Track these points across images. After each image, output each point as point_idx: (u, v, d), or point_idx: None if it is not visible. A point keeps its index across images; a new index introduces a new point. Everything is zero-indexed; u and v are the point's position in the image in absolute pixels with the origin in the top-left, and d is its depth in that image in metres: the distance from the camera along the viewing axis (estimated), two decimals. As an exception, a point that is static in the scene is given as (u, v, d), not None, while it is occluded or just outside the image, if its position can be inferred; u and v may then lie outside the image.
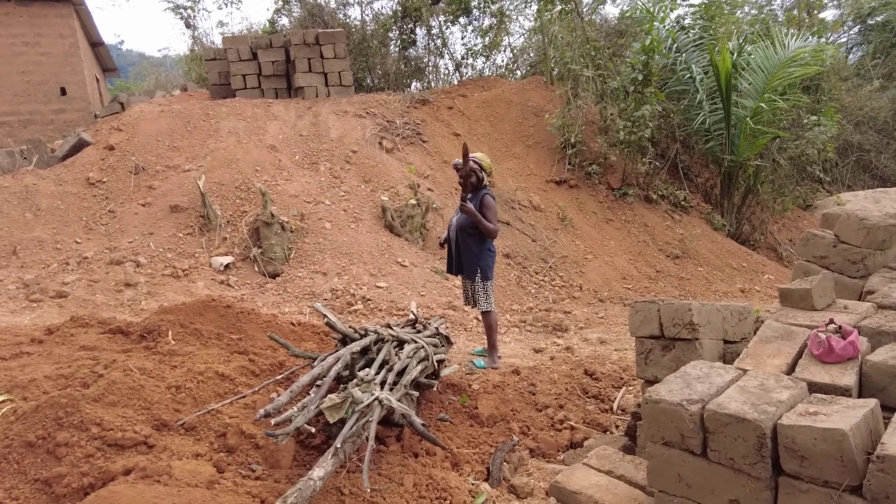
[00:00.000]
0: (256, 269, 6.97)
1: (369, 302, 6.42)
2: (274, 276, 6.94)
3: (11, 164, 8.71)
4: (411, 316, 4.50)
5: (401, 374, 3.13)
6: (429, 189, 9.09)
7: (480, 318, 5.62)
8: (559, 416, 4.30)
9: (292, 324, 4.91)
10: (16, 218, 7.23)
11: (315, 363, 3.35)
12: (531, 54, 17.72)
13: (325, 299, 6.42)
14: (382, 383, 2.89)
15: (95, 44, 18.13)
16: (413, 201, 8.18)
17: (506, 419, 4.07)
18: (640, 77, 9.99)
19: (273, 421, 2.68)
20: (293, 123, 10.06)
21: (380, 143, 9.82)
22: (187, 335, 4.01)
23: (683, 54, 11.42)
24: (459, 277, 5.18)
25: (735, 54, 10.64)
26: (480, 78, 14.97)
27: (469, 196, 4.81)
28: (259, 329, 4.48)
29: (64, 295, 5.74)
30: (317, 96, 11.04)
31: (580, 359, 5.58)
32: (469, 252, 4.84)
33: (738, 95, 10.68)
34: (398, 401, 2.79)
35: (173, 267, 6.64)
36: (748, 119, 10.02)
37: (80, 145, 9.05)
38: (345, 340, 3.58)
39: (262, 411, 2.31)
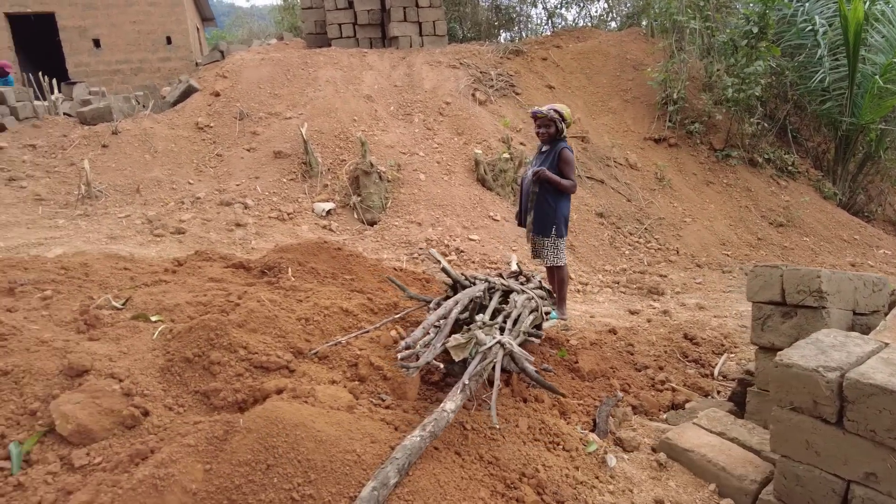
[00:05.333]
0: (355, 216, 7.18)
1: (462, 254, 6.50)
2: (371, 223, 7.13)
3: (130, 109, 9.30)
4: (514, 268, 4.52)
5: (514, 322, 3.17)
6: (521, 143, 8.95)
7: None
8: (659, 377, 4.25)
9: (394, 269, 5.06)
10: (137, 159, 7.75)
11: (431, 305, 3.46)
12: (627, 5, 16.81)
13: (421, 249, 6.54)
14: (501, 328, 2.95)
15: (196, -6, 18.76)
16: (506, 155, 8.09)
17: (606, 375, 4.07)
18: (755, 30, 9.25)
19: (399, 355, 2.80)
20: (388, 74, 10.10)
21: (473, 95, 9.71)
22: (304, 273, 4.22)
23: (806, 4, 10.45)
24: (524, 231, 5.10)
25: (868, 3, 9.62)
26: (575, 29, 14.36)
27: (546, 147, 4.70)
28: (367, 271, 4.64)
29: (182, 231, 6.15)
30: (410, 46, 11.00)
31: (678, 323, 5.46)
32: (543, 208, 4.70)
33: (866, 50, 9.71)
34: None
35: (279, 210, 6.95)
36: (877, 77, 9.11)
37: (188, 91, 9.51)
38: (455, 287, 3.66)
39: (404, 342, 2.42)
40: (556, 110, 4.61)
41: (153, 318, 3.14)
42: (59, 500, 1.97)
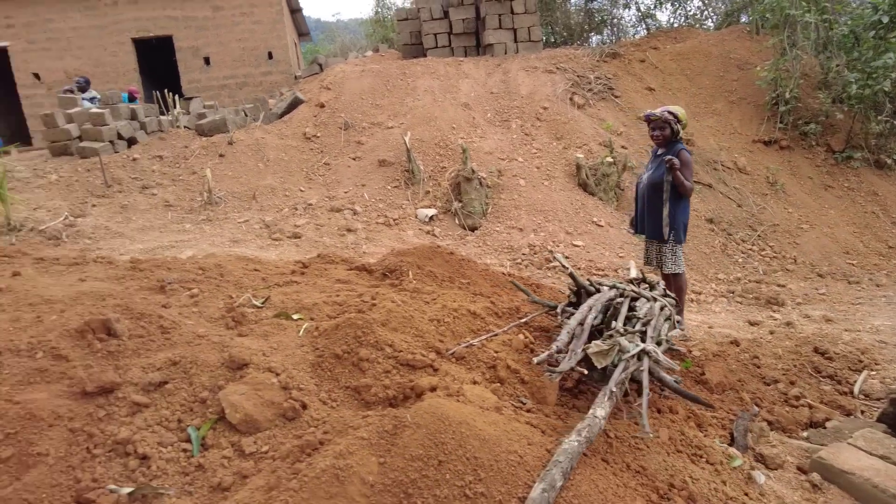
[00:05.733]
0: (457, 221, 7.26)
1: (567, 260, 6.40)
2: (473, 229, 7.18)
3: (242, 121, 9.91)
4: (633, 274, 4.40)
5: (653, 330, 3.07)
6: (622, 146, 8.73)
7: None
8: (793, 392, 4.00)
9: (503, 273, 5.07)
10: (251, 167, 8.23)
11: (557, 311, 3.42)
12: (725, 2, 16.04)
13: (524, 254, 6.52)
14: (641, 336, 2.87)
15: (294, 10, 19.74)
16: (609, 159, 7.92)
17: (734, 388, 3.87)
18: (885, 19, 8.54)
19: (535, 360, 2.79)
20: (483, 81, 10.18)
21: (570, 100, 9.59)
22: (423, 276, 4.31)
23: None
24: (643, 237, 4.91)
25: None
26: (672, 29, 13.88)
27: (662, 151, 4.52)
28: (479, 276, 4.68)
29: (298, 236, 6.46)
30: (505, 53, 11.04)
31: (805, 335, 5.11)
32: (661, 212, 4.52)
33: None
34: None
35: (385, 216, 7.15)
36: None
37: (295, 103, 10.01)
38: (578, 292, 3.60)
39: (555, 346, 2.41)
40: (670, 112, 4.45)
41: (294, 317, 3.31)
42: (236, 482, 2.11)
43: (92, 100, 10.18)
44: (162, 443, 2.25)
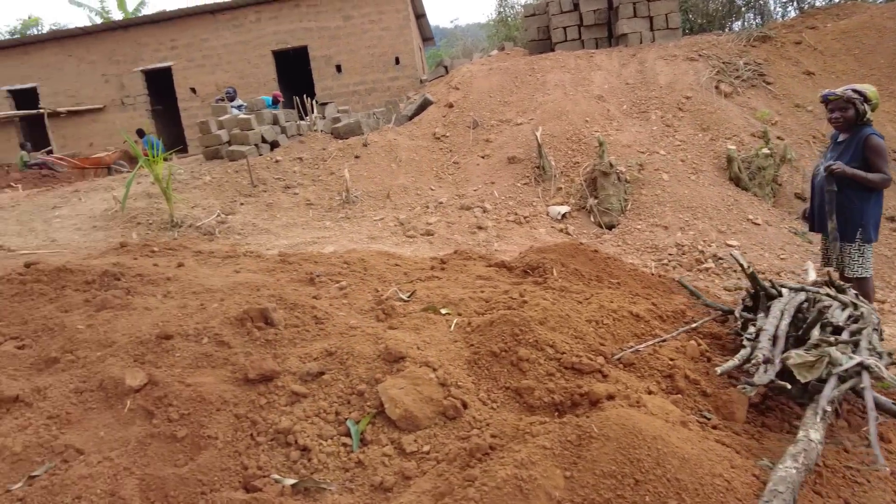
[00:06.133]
0: (592, 219, 6.88)
1: (721, 261, 5.80)
2: (610, 226, 6.77)
3: (375, 123, 10.19)
4: (811, 277, 3.82)
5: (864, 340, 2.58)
6: (779, 137, 7.84)
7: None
8: None
9: (652, 274, 4.65)
10: (384, 168, 8.40)
11: (736, 315, 3.01)
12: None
13: (670, 254, 6.00)
14: (853, 347, 2.40)
15: (419, 16, 20.18)
16: (765, 150, 7.12)
17: (953, 416, 3.19)
18: None
19: (718, 370, 2.44)
20: (617, 72, 9.65)
21: (716, 88, 8.80)
22: (568, 274, 4.04)
23: None
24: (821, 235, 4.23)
25: None
26: (833, 5, 12.36)
27: (844, 137, 3.85)
28: (627, 275, 4.31)
29: (431, 233, 6.44)
30: (640, 43, 10.41)
31: None
32: (845, 207, 3.85)
33: None
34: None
35: (515, 214, 6.95)
36: None
37: (424, 104, 10.11)
38: (756, 296, 3.15)
39: (761, 355, 2.06)
40: (854, 90, 3.80)
41: (443, 311, 3.19)
42: (398, 483, 1.98)
43: (239, 107, 10.98)
44: (321, 435, 2.19)
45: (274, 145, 9.72)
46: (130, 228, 7.08)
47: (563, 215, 6.92)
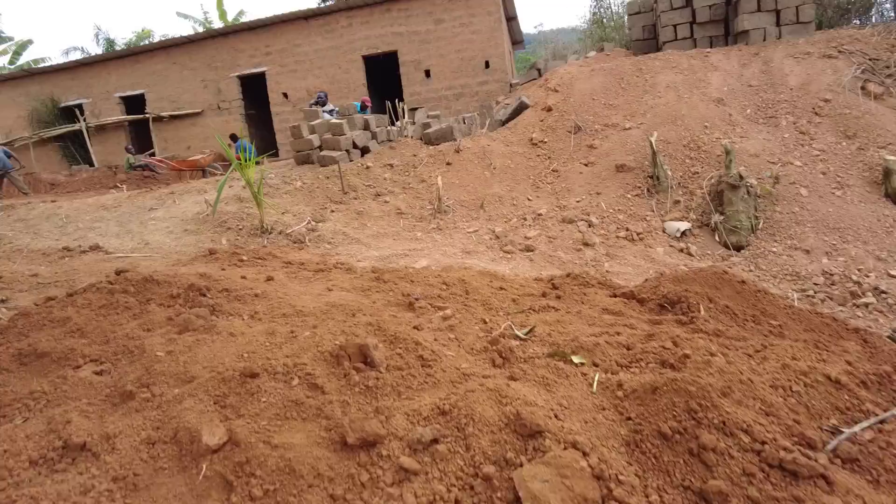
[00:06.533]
0: (717, 238, 6.04)
1: (884, 295, 4.83)
2: (738, 247, 5.90)
3: (467, 129, 9.71)
4: None
5: None
6: (946, 147, 6.64)
7: None
8: None
9: (819, 313, 3.83)
10: (477, 175, 7.88)
11: None
12: None
13: (816, 284, 5.09)
14: None
15: (510, 18, 19.61)
16: (933, 163, 6.00)
17: None
18: None
19: None
20: (738, 73, 8.65)
21: (862, 89, 7.65)
22: (717, 312, 3.33)
23: None
24: None
25: None
26: None
27: None
28: (786, 315, 3.53)
29: (531, 249, 5.85)
30: (764, 40, 9.33)
31: None
32: None
33: None
34: None
35: (626, 229, 6.22)
36: None
37: (520, 108, 9.52)
38: None
39: None
40: None
41: (574, 359, 2.60)
42: None
43: (331, 112, 10.85)
44: (444, 539, 1.67)
45: (364, 151, 9.46)
46: (220, 233, 6.95)
47: (683, 233, 6.11)
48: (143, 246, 6.71)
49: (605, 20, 19.90)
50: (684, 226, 6.13)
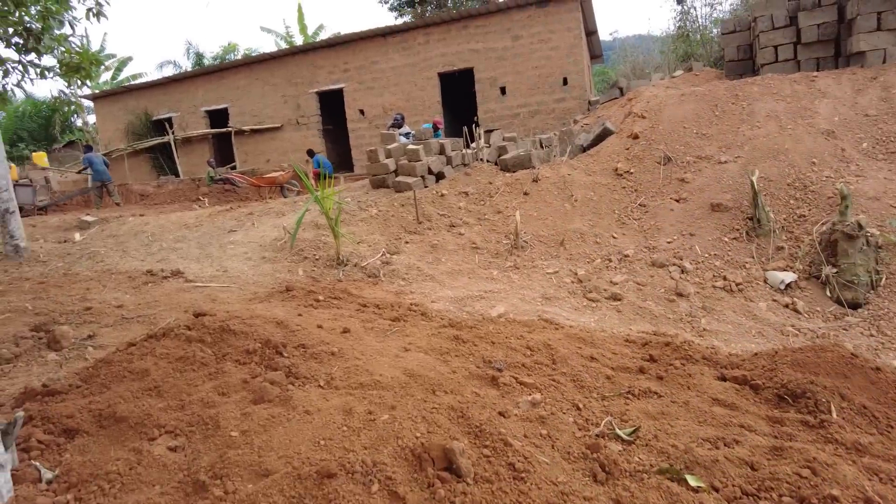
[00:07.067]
0: (828, 293, 5.42)
1: None
2: (854, 305, 5.27)
3: (545, 154, 9.37)
4: None
5: None
6: None
7: None
8: None
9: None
10: (557, 207, 7.53)
11: None
12: None
13: (956, 357, 4.42)
14: None
15: (589, 33, 19.05)
16: None
17: None
18: None
19: None
20: (851, 100, 7.87)
21: None
22: (852, 413, 2.87)
23: None
24: None
25: None
26: None
27: None
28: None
29: (618, 298, 5.45)
30: (884, 62, 8.46)
31: None
32: None
33: None
34: None
35: (724, 278, 5.70)
36: None
37: (603, 134, 9.08)
38: None
39: None
40: None
41: (690, 480, 2.25)
42: None
43: (407, 135, 10.77)
44: None
45: (439, 176, 9.30)
46: (297, 263, 6.94)
47: (788, 285, 5.53)
48: (221, 273, 6.78)
49: (690, 34, 18.95)
50: (789, 277, 5.54)
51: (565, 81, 16.15)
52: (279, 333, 3.96)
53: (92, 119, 25.25)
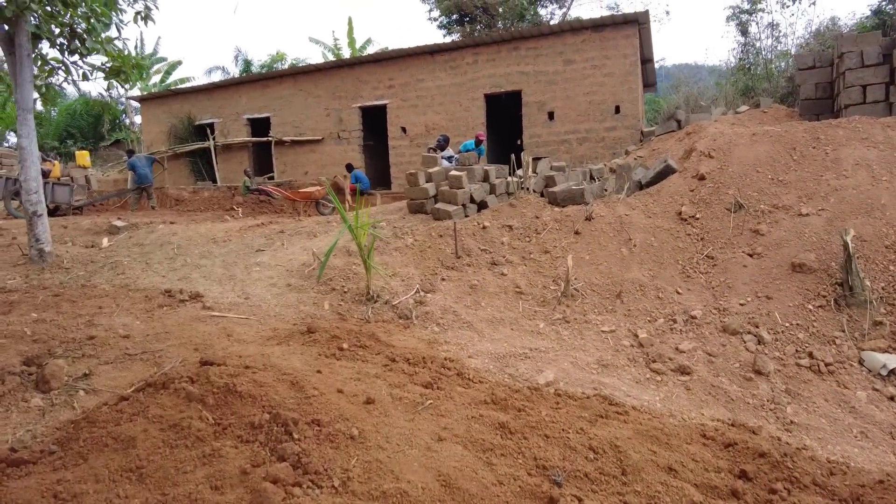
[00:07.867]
0: (942, 385, 4.56)
1: None
2: (976, 404, 4.39)
3: (599, 190, 8.65)
4: None
5: None
6: None
7: None
8: None
9: None
10: (612, 252, 6.80)
11: None
12: None
13: None
14: None
15: (645, 61, 18.28)
16: None
17: None
18: None
19: None
20: (955, 152, 6.97)
21: None
22: None
23: None
24: None
25: None
26: None
27: None
28: None
29: (686, 371, 4.68)
30: None
31: None
32: None
33: None
34: None
35: (810, 355, 4.88)
36: None
37: (665, 172, 8.32)
38: None
39: None
40: None
41: None
42: None
43: (449, 159, 10.20)
44: None
45: (481, 206, 8.67)
46: (324, 295, 6.37)
47: (891, 371, 4.68)
48: (242, 301, 6.26)
49: (751, 67, 17.99)
50: (893, 361, 4.70)
51: (617, 109, 15.41)
52: (292, 400, 3.36)
53: (139, 119, 25.53)
